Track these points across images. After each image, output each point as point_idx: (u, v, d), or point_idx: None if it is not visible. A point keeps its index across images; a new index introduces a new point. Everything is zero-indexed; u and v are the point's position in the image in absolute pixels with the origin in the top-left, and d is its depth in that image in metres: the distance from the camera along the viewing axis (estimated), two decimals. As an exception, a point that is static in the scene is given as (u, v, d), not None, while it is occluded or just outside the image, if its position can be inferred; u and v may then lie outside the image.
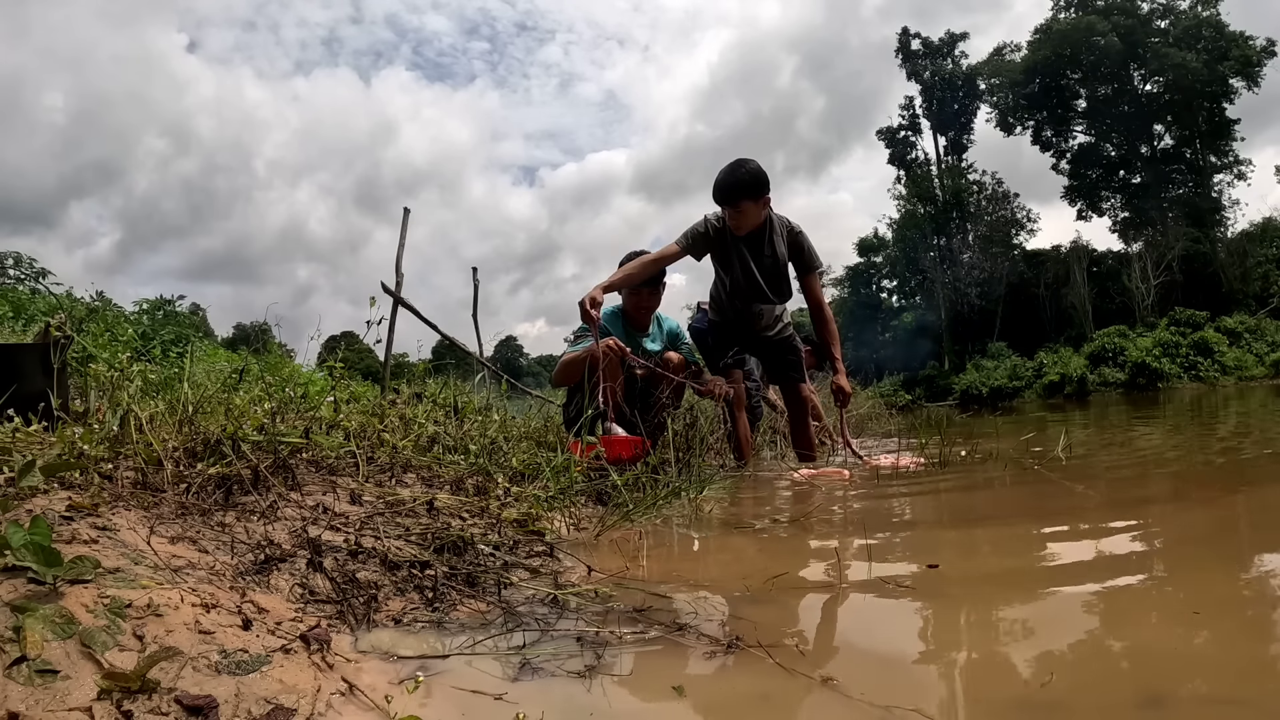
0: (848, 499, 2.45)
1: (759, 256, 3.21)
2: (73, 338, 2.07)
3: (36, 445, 1.36)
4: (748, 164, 3.07)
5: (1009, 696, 0.82)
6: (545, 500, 1.79)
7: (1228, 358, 23.56)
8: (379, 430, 2.11)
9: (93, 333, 6.83)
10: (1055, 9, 35.01)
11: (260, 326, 13.14)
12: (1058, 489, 2.35)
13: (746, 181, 3.03)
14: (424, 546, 1.32)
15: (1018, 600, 1.20)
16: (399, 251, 6.22)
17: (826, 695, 0.84)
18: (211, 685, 0.75)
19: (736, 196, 3.03)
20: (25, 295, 9.61)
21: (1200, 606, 1.09)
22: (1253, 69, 30.77)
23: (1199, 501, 2.08)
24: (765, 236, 3.19)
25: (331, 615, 1.03)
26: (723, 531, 1.90)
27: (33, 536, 0.83)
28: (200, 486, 1.34)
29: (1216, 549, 1.48)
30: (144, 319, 10.69)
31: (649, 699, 0.86)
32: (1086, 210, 35.86)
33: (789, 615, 1.14)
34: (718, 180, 3.08)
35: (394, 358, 6.45)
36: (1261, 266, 29.71)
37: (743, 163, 3.07)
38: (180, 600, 0.89)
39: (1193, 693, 0.81)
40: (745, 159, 3.08)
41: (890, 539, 1.73)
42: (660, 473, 2.21)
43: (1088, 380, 24.72)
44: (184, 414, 1.61)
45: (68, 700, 0.68)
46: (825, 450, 3.90)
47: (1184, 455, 3.29)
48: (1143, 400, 15.33)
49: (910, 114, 38.81)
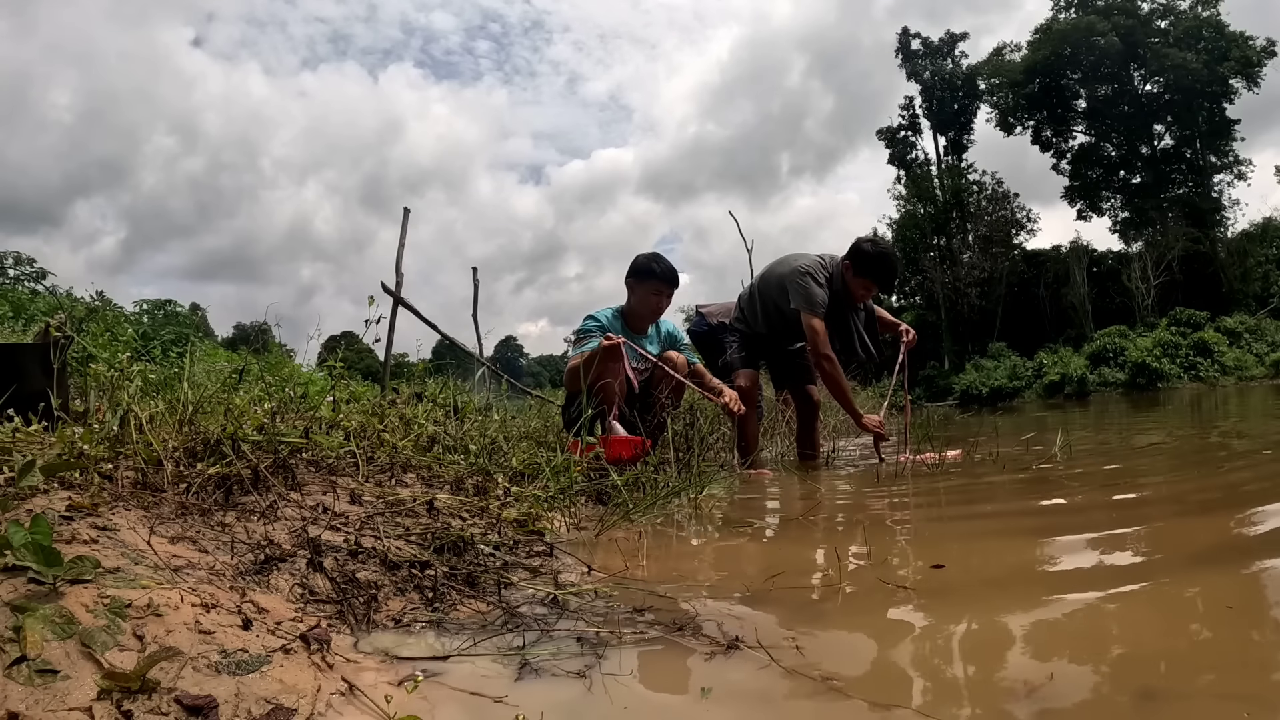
0: (848, 499, 2.45)
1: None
2: (73, 338, 2.07)
3: (36, 445, 1.36)
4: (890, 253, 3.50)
5: (1010, 696, 0.82)
6: (545, 500, 1.79)
7: (1228, 358, 23.55)
8: (379, 430, 2.11)
9: (93, 333, 6.83)
10: (1055, 9, 35.01)
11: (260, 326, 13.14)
12: (1059, 489, 2.35)
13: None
14: (424, 546, 1.32)
15: (1020, 600, 1.20)
16: (399, 251, 6.22)
17: (826, 695, 0.84)
18: (211, 685, 0.75)
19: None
20: (25, 295, 9.61)
21: (1204, 605, 1.09)
22: (1253, 69, 30.74)
23: (1199, 501, 2.07)
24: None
25: (331, 615, 1.03)
26: (723, 531, 1.90)
27: (33, 536, 0.83)
28: (200, 486, 1.34)
29: (1217, 548, 1.48)
30: (144, 319, 10.69)
31: (649, 699, 0.86)
32: (1086, 210, 35.85)
33: (789, 615, 1.14)
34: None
35: (394, 358, 6.45)
36: (1261, 266, 29.71)
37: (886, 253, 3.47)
38: (180, 600, 0.89)
39: (1193, 690, 0.81)
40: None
41: (891, 539, 1.72)
42: (660, 472, 2.21)
43: (1088, 380, 24.71)
44: (184, 414, 1.61)
45: (68, 700, 0.68)
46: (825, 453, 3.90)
47: (1184, 455, 3.29)
48: (1143, 400, 15.33)
49: (910, 114, 38.79)
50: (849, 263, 3.36)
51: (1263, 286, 29.01)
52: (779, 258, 3.59)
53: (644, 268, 3.11)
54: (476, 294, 7.79)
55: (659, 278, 3.09)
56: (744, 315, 3.69)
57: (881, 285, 3.39)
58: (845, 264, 3.37)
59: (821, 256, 3.45)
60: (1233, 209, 32.45)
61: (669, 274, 3.11)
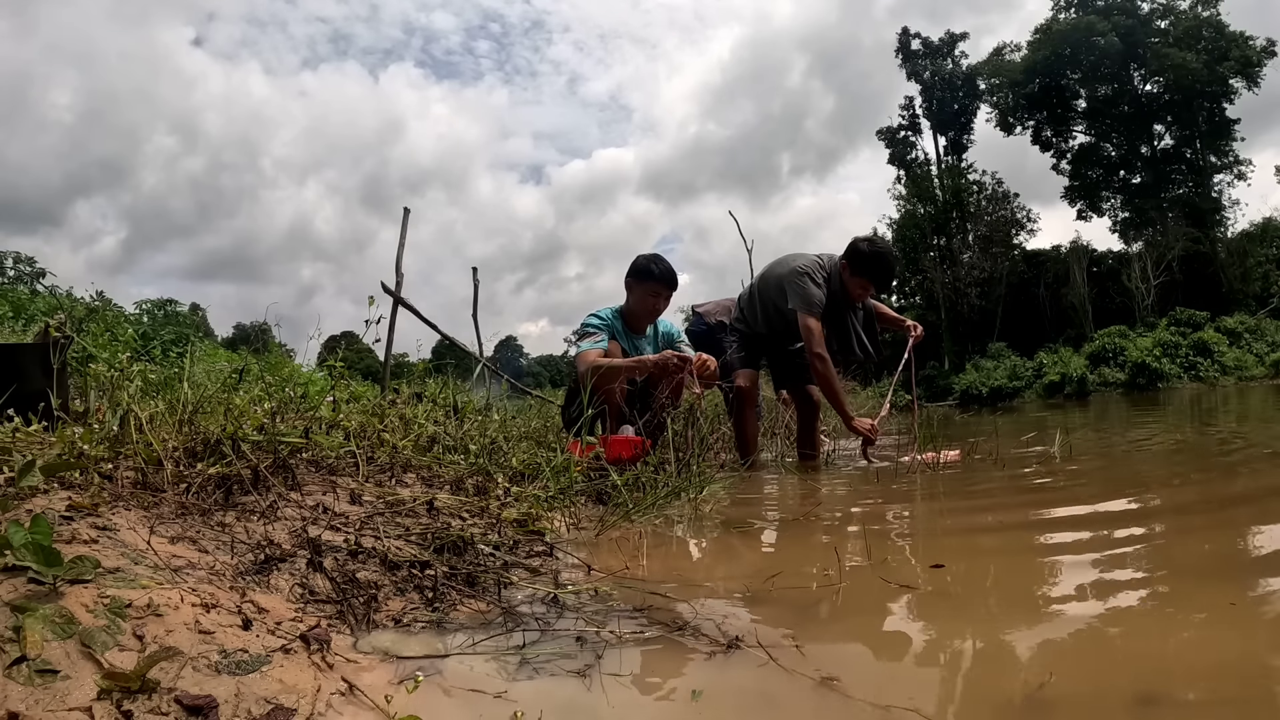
0: (848, 499, 2.45)
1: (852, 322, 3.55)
2: (72, 338, 2.07)
3: (36, 445, 1.36)
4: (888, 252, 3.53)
5: (1009, 696, 0.82)
6: (545, 500, 1.79)
7: (1228, 358, 23.53)
8: (379, 430, 2.11)
9: (93, 333, 6.82)
10: (1055, 9, 34.99)
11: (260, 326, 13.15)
12: (1059, 489, 2.35)
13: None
14: (424, 546, 1.32)
15: (1019, 600, 1.20)
16: (399, 251, 6.21)
17: (826, 695, 0.84)
18: (211, 685, 0.75)
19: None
20: (25, 295, 9.62)
21: (1203, 606, 1.09)
22: (1253, 69, 30.72)
23: (1199, 500, 2.07)
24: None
25: (331, 615, 1.03)
26: (723, 531, 1.90)
27: (33, 536, 0.83)
28: (200, 486, 1.34)
29: (1216, 546, 1.48)
30: (144, 319, 10.69)
31: (649, 698, 0.86)
32: (1086, 210, 35.84)
33: (789, 615, 1.14)
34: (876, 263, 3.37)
35: (394, 358, 6.45)
36: (1261, 266, 29.69)
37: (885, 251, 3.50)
38: (180, 600, 0.89)
39: (1193, 693, 0.81)
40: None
41: (891, 539, 1.73)
42: (660, 472, 2.21)
43: (1088, 380, 24.69)
44: (184, 414, 1.61)
45: (68, 700, 0.68)
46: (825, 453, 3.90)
47: (1184, 454, 3.29)
48: (1143, 400, 15.33)
49: (910, 114, 38.79)
50: (846, 262, 3.36)
51: (1263, 286, 29.00)
52: (778, 258, 3.59)
53: (643, 269, 3.11)
54: (476, 294, 7.79)
55: (657, 279, 3.09)
56: (744, 315, 3.70)
57: (878, 285, 3.39)
58: (842, 263, 3.38)
59: (819, 256, 3.45)
60: (1233, 209, 32.46)
61: (667, 276, 3.11)
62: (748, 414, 3.50)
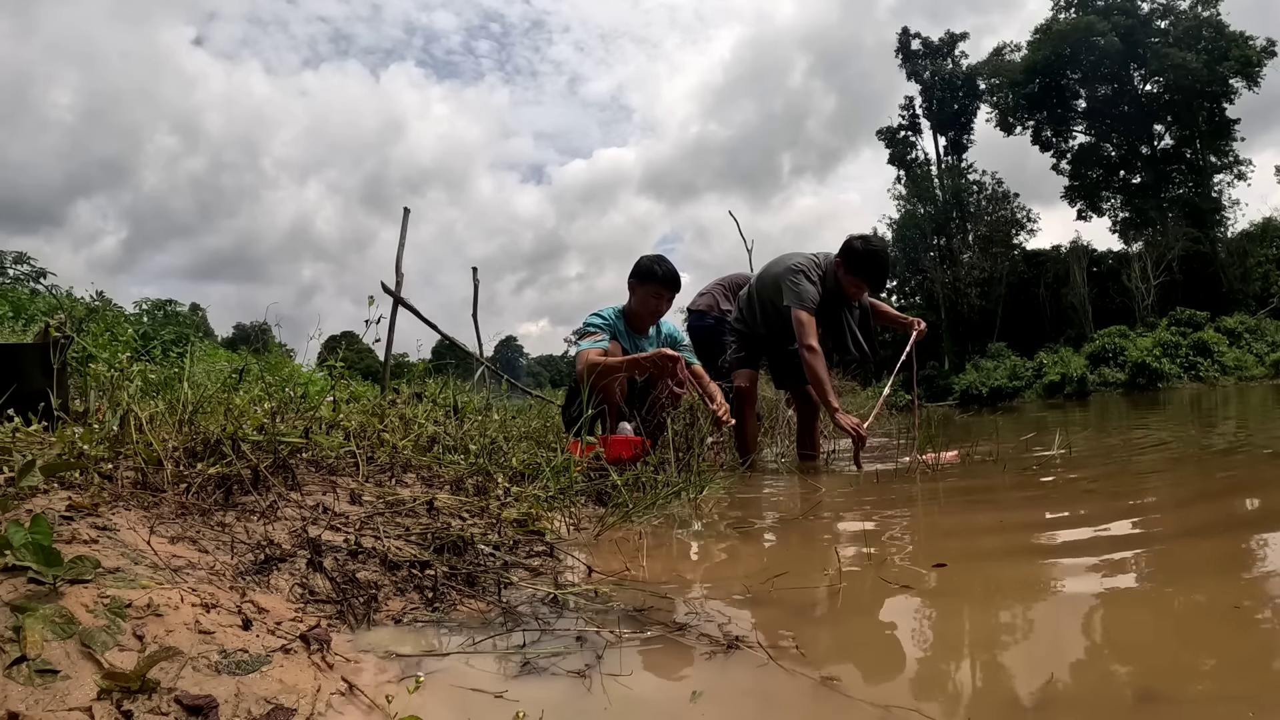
0: (848, 499, 2.45)
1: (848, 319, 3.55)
2: (72, 338, 2.07)
3: (36, 445, 1.36)
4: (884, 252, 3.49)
5: (1010, 696, 0.82)
6: (545, 500, 1.79)
7: (1228, 358, 23.53)
8: (379, 430, 2.11)
9: (93, 333, 6.82)
10: (1055, 9, 35.00)
11: (260, 326, 13.15)
12: (1059, 488, 2.35)
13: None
14: (424, 546, 1.32)
15: (1020, 600, 1.20)
16: (399, 251, 6.21)
17: (826, 695, 0.84)
18: (211, 685, 0.75)
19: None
20: (25, 295, 9.61)
21: (1203, 605, 1.09)
22: (1253, 69, 30.72)
23: (1200, 500, 2.07)
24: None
25: (331, 615, 1.03)
26: (723, 531, 1.90)
27: (33, 536, 0.83)
28: (200, 486, 1.34)
29: (1216, 545, 1.48)
30: (144, 319, 10.69)
31: (649, 698, 0.86)
32: (1086, 210, 35.85)
33: (789, 615, 1.14)
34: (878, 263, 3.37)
35: (394, 358, 6.45)
36: (1261, 266, 29.68)
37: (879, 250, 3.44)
38: (180, 600, 0.89)
39: (1193, 691, 0.81)
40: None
41: (891, 538, 1.73)
42: (660, 472, 2.21)
43: (1088, 380, 24.69)
44: (184, 414, 1.61)
45: (68, 700, 0.68)
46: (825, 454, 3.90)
47: (1184, 454, 3.29)
48: (1143, 400, 15.33)
49: (910, 114, 38.81)
50: (840, 260, 3.36)
51: (1263, 286, 28.99)
52: (775, 258, 3.59)
53: (646, 270, 3.11)
54: (476, 294, 7.79)
55: (660, 281, 3.09)
56: (744, 316, 3.70)
57: (872, 284, 3.37)
58: (837, 262, 3.37)
59: (815, 255, 3.45)
60: (1233, 209, 32.48)
61: (670, 277, 3.11)
62: (747, 414, 3.50)
